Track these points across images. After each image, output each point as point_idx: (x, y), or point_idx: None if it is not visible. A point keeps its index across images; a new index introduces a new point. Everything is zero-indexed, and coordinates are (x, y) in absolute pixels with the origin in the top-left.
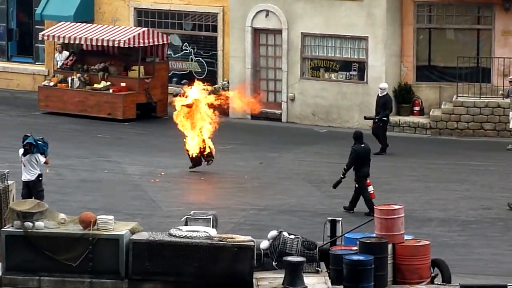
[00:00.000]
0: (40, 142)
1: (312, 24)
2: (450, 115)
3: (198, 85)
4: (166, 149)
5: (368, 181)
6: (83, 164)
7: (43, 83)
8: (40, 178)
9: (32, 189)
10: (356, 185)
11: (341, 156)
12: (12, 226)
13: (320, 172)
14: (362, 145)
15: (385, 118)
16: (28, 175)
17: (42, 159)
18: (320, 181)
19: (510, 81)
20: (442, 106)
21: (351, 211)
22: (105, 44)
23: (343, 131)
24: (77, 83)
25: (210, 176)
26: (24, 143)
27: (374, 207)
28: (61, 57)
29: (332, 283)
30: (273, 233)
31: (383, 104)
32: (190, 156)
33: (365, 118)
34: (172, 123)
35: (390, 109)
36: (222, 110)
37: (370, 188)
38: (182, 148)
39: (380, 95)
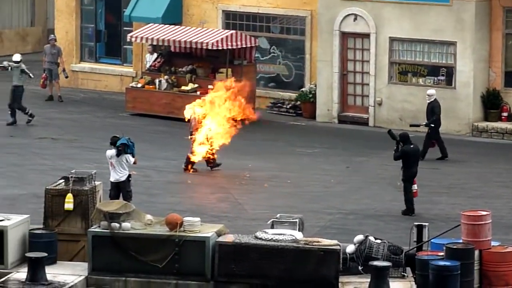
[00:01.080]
0: (130, 143)
1: (400, 29)
2: None
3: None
4: (251, 152)
5: (413, 179)
6: (169, 166)
7: (130, 85)
8: (130, 179)
9: (122, 190)
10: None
11: (428, 161)
12: (99, 226)
13: None
14: (411, 146)
15: (433, 125)
16: (117, 176)
17: (131, 159)
18: None
19: None
20: None
21: (412, 214)
22: (193, 46)
23: None
24: (164, 85)
25: (296, 179)
26: (118, 143)
27: (461, 213)
28: (151, 58)
29: None
30: (359, 237)
31: (431, 109)
32: (189, 159)
33: (411, 125)
34: (259, 126)
35: (438, 114)
36: (308, 113)
37: (414, 187)
38: (268, 151)
39: (428, 101)
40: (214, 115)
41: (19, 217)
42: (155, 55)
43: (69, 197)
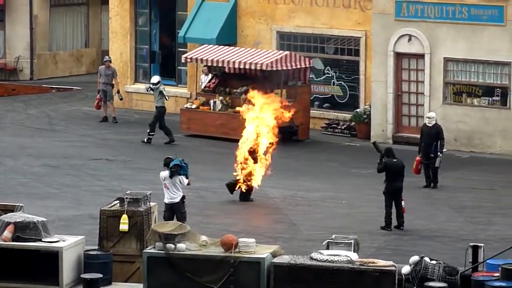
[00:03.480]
0: (183, 164)
1: (454, 49)
2: None
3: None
4: (307, 173)
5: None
6: (224, 187)
7: (185, 106)
8: (184, 200)
9: (176, 211)
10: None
11: (483, 181)
12: (154, 247)
13: (461, 198)
14: (395, 160)
15: (445, 149)
16: (172, 197)
17: (185, 180)
18: (461, 206)
19: None
20: None
21: (388, 229)
22: (247, 67)
23: (485, 157)
24: (219, 105)
25: (351, 200)
26: (171, 165)
27: None
28: (206, 79)
29: None
30: (414, 258)
31: (436, 134)
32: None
33: (436, 166)
34: (313, 147)
35: (443, 138)
36: (363, 134)
37: (403, 203)
38: (323, 172)
39: (429, 124)
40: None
41: (74, 238)
42: (210, 76)
43: (124, 218)
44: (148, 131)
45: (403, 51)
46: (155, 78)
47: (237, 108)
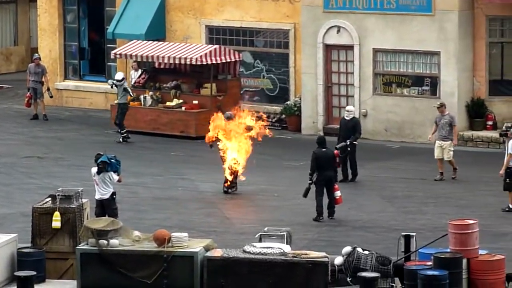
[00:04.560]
0: (113, 160)
1: (383, 40)
2: None
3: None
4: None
5: (335, 186)
6: (156, 182)
7: (115, 102)
8: (114, 196)
9: (106, 208)
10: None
11: (414, 171)
12: (87, 244)
13: (393, 188)
14: (323, 150)
15: (355, 142)
16: (101, 194)
17: (115, 177)
18: (393, 196)
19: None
20: None
21: (320, 218)
22: (177, 62)
23: (416, 147)
24: (149, 101)
25: (283, 192)
26: (98, 161)
27: (449, 222)
28: (136, 75)
29: None
30: (347, 249)
31: (352, 127)
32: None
33: (337, 148)
34: None
35: (359, 132)
36: (294, 126)
37: (337, 194)
38: (256, 165)
39: (347, 118)
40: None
41: (7, 236)
42: (140, 71)
43: (57, 215)
44: (119, 130)
45: (332, 43)
46: (119, 75)
47: (168, 103)
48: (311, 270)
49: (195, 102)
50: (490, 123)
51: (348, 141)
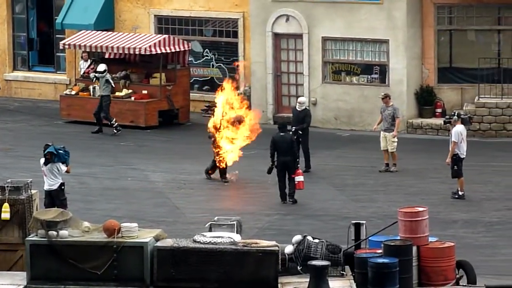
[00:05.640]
0: (61, 151)
1: (332, 28)
2: (472, 117)
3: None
4: (189, 156)
5: (298, 170)
6: (106, 172)
7: (64, 92)
8: (63, 187)
9: (55, 199)
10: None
11: (364, 159)
12: (36, 235)
13: (343, 176)
14: (281, 134)
15: (301, 132)
16: (50, 184)
17: (63, 168)
18: (343, 184)
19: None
20: (464, 108)
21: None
22: (126, 52)
23: (365, 135)
24: (98, 91)
25: (234, 181)
26: (45, 152)
27: (398, 209)
28: (85, 65)
29: (357, 287)
30: (297, 237)
31: (303, 118)
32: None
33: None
34: (194, 130)
35: (308, 123)
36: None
37: (298, 178)
38: (205, 154)
39: (298, 109)
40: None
41: None
42: (89, 61)
43: (6, 207)
44: (110, 123)
45: (281, 32)
46: (101, 67)
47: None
48: (262, 259)
49: (145, 92)
50: (439, 110)
51: (295, 127)
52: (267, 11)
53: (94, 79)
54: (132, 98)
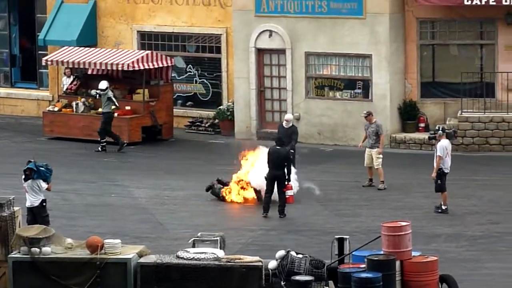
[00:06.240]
0: (42, 168)
1: (315, 43)
2: (456, 131)
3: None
4: (172, 172)
5: (288, 185)
6: (89, 189)
7: (47, 109)
8: (44, 204)
9: (37, 216)
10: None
11: (348, 174)
12: (19, 252)
13: (327, 191)
14: (277, 147)
15: (293, 150)
16: (31, 201)
17: (44, 185)
18: (327, 199)
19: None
20: (447, 122)
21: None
22: (109, 68)
23: (349, 149)
24: (81, 107)
25: (216, 198)
26: (25, 168)
27: (382, 224)
28: (68, 81)
29: None
30: (281, 253)
31: (290, 135)
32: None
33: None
34: (178, 146)
35: (296, 140)
36: (227, 131)
37: (288, 193)
38: (188, 170)
39: (285, 126)
40: None
41: None
42: (72, 78)
43: None
44: (99, 139)
45: (265, 47)
46: (103, 84)
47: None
48: (245, 275)
49: (128, 108)
50: (422, 125)
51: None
52: (250, 26)
53: (97, 96)
54: (116, 114)
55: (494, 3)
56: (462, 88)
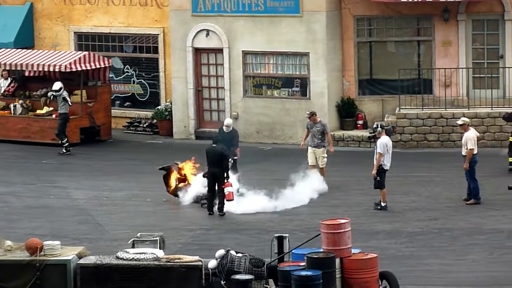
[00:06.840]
0: None
1: (253, 42)
2: (395, 126)
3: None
4: (111, 173)
5: (226, 182)
6: (28, 191)
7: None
8: None
9: None
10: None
11: (288, 172)
12: None
13: (267, 190)
14: (214, 146)
15: (236, 157)
16: None
17: None
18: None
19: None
20: (385, 119)
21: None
22: (46, 69)
23: (287, 148)
24: (19, 109)
25: (156, 197)
26: None
27: (320, 222)
28: (6, 83)
29: None
30: (220, 252)
31: (231, 139)
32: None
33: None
34: (116, 146)
35: (236, 144)
36: (165, 131)
37: (228, 189)
38: (127, 170)
39: (226, 131)
40: None
41: None
42: (9, 80)
43: None
44: (60, 141)
45: (202, 46)
46: (57, 85)
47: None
48: (185, 274)
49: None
50: (360, 122)
51: (236, 158)
52: (187, 26)
53: (52, 97)
54: (53, 116)
55: (431, 0)
56: (399, 85)
